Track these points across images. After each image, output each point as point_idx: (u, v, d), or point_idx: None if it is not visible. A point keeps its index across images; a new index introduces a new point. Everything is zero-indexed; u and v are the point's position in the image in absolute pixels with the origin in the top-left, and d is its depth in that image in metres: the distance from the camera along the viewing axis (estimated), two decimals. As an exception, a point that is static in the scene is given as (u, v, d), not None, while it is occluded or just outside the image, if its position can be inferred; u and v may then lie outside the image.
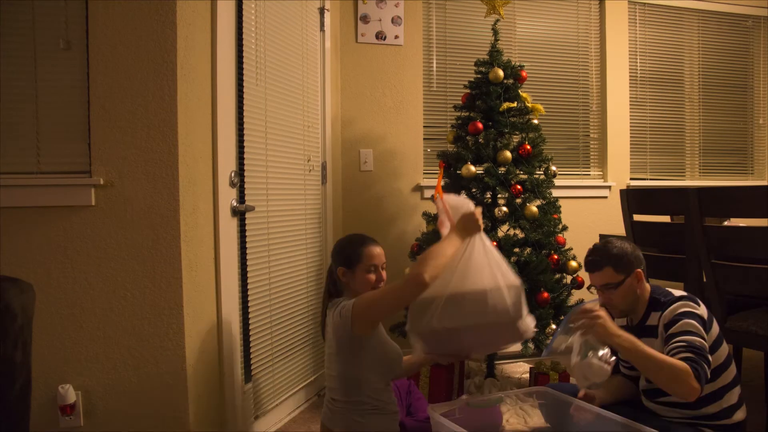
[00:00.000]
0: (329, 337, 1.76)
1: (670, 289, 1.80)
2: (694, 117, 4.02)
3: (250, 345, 2.20)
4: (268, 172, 2.34)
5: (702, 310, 1.69)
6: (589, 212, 3.65)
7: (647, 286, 1.82)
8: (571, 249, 2.64)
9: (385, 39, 3.25)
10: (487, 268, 1.63)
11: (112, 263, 1.79)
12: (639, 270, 1.78)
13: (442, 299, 1.60)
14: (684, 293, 1.76)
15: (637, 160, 3.85)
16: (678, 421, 1.71)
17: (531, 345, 2.50)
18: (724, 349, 1.71)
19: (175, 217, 1.80)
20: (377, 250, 1.83)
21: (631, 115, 3.79)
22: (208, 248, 1.96)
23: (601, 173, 3.75)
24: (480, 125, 2.62)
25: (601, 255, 1.80)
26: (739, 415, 1.69)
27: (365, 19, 3.21)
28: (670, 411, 1.72)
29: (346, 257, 1.79)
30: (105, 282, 1.79)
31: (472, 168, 2.57)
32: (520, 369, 3.10)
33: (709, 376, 1.60)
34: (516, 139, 2.72)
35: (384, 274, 1.82)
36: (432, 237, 2.70)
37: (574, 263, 2.56)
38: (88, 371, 1.79)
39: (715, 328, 1.71)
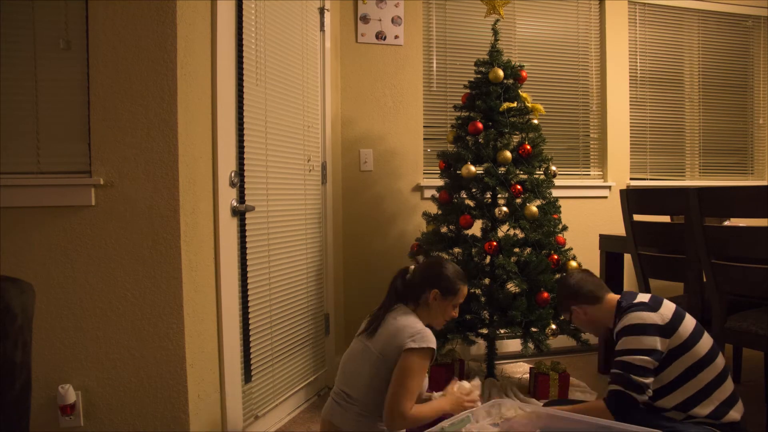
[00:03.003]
0: (377, 342, 1.74)
1: (638, 294, 1.81)
2: (694, 117, 4.02)
3: (250, 345, 2.20)
4: (268, 172, 2.34)
5: (658, 316, 1.68)
6: (589, 212, 3.65)
7: (606, 303, 1.85)
8: (571, 249, 2.65)
9: (385, 39, 3.25)
10: None
11: (112, 263, 1.79)
12: (576, 308, 1.87)
13: None
14: (644, 299, 1.76)
15: (637, 160, 3.85)
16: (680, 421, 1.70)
17: (531, 345, 2.50)
18: (705, 344, 1.70)
19: (175, 217, 1.80)
20: (467, 291, 1.91)
21: (631, 115, 3.79)
22: (208, 248, 1.96)
23: (601, 173, 3.75)
24: (480, 125, 2.62)
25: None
26: (734, 414, 1.67)
27: (365, 19, 3.21)
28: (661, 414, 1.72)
29: (447, 285, 1.82)
30: (105, 282, 1.79)
31: (472, 168, 2.57)
32: (521, 369, 3.11)
33: (636, 399, 1.65)
34: (516, 139, 2.72)
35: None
36: (432, 237, 2.70)
37: (574, 263, 2.56)
38: (88, 371, 1.79)
39: (687, 325, 1.70)
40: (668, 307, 1.73)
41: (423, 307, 1.83)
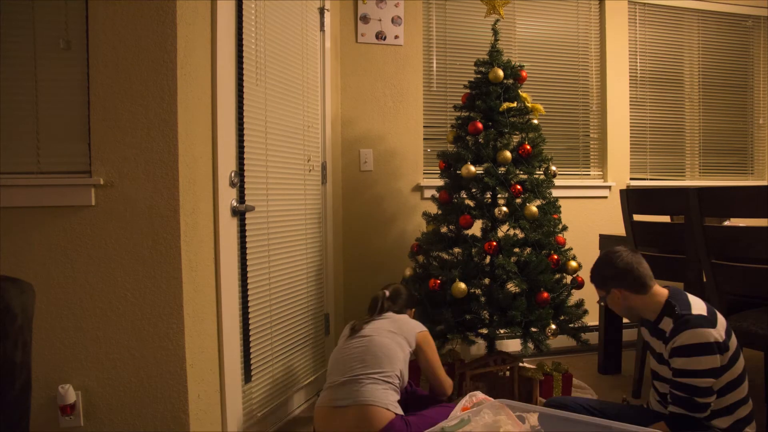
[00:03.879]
0: (396, 329, 2.12)
1: (690, 298, 1.72)
2: (694, 117, 4.02)
3: (250, 345, 2.20)
4: (268, 172, 2.34)
5: (717, 333, 1.61)
6: (589, 212, 3.65)
7: (651, 296, 1.76)
8: (571, 249, 2.64)
9: (385, 39, 3.25)
10: None
11: (112, 263, 1.79)
12: (616, 290, 1.77)
13: None
14: (701, 310, 1.67)
15: (637, 160, 3.85)
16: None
17: (531, 345, 2.50)
18: (741, 363, 1.66)
19: (175, 217, 1.80)
20: None
21: (631, 115, 3.79)
22: (208, 248, 1.96)
23: (601, 173, 3.75)
24: (480, 125, 2.62)
25: (592, 270, 1.87)
26: (749, 430, 1.68)
27: (365, 19, 3.21)
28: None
29: (415, 302, 2.44)
30: (105, 282, 1.79)
31: (472, 168, 2.57)
32: (520, 369, 3.10)
33: (699, 415, 1.62)
34: (516, 139, 2.72)
35: None
36: (432, 237, 2.70)
37: (574, 263, 2.56)
38: (88, 371, 1.79)
39: (734, 342, 1.66)
40: (722, 323, 1.66)
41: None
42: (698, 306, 1.69)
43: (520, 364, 2.61)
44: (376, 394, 1.88)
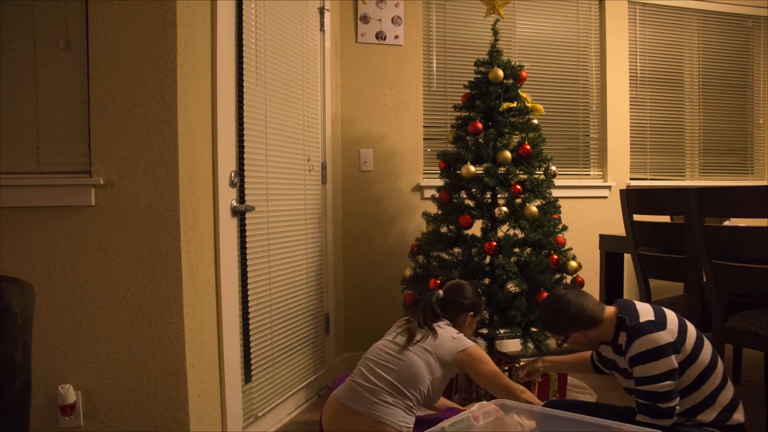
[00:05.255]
0: (436, 348, 1.96)
1: (636, 305, 1.75)
2: (694, 117, 4.02)
3: (250, 345, 2.20)
4: (268, 172, 2.34)
5: (668, 334, 1.64)
6: (589, 212, 3.65)
7: (605, 322, 1.78)
8: (571, 249, 2.65)
9: (385, 39, 3.25)
10: None
11: (112, 263, 1.79)
12: (574, 333, 1.79)
13: None
14: (649, 316, 1.70)
15: (637, 160, 3.85)
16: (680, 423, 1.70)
17: (531, 345, 2.51)
18: (707, 352, 1.68)
19: (175, 217, 1.80)
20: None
21: (631, 115, 3.79)
22: (208, 248, 1.96)
23: (601, 173, 3.75)
24: (480, 125, 2.62)
25: (544, 319, 1.88)
26: (738, 416, 1.67)
27: (365, 19, 3.21)
28: None
29: (477, 306, 2.17)
30: (105, 282, 1.79)
31: (472, 168, 2.57)
32: (520, 369, 3.10)
33: (664, 422, 1.63)
34: (516, 139, 2.72)
35: None
36: (432, 237, 2.70)
37: (574, 263, 2.56)
38: (88, 371, 1.79)
39: (691, 336, 1.67)
40: (673, 320, 1.69)
41: (458, 325, 2.12)
42: (645, 312, 1.72)
43: (517, 365, 2.61)
44: (393, 415, 1.87)
